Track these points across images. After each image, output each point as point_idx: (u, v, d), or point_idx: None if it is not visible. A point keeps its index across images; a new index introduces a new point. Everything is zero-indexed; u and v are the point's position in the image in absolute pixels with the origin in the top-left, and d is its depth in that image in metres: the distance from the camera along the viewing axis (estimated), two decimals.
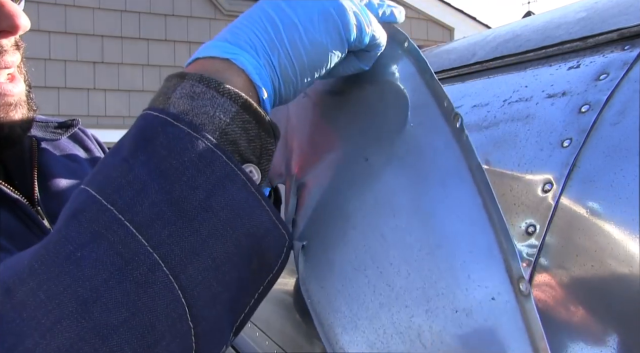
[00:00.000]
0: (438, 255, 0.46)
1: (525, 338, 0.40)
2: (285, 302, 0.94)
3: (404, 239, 0.49)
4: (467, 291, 0.43)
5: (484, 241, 0.45)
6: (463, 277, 0.44)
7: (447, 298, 0.44)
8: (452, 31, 6.69)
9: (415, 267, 0.47)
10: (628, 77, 0.54)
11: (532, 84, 0.66)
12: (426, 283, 0.45)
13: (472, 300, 0.43)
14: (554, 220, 0.53)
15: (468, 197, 0.47)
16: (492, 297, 0.42)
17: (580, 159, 0.53)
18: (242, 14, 0.48)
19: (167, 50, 5.33)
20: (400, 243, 0.49)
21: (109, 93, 5.09)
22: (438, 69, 0.89)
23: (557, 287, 0.51)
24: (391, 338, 0.47)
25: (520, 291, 0.41)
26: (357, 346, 0.49)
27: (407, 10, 3.99)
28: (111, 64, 5.04)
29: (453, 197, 0.48)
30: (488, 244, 0.45)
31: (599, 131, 0.53)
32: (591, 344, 0.46)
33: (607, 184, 0.50)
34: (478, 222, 0.46)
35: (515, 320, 0.40)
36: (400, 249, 0.49)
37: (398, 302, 0.47)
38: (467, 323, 0.42)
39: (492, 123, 0.67)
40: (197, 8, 5.51)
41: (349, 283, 0.52)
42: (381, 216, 0.52)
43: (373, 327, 0.48)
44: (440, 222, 0.47)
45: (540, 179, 0.56)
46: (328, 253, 0.56)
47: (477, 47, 0.85)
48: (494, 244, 0.45)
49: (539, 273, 0.53)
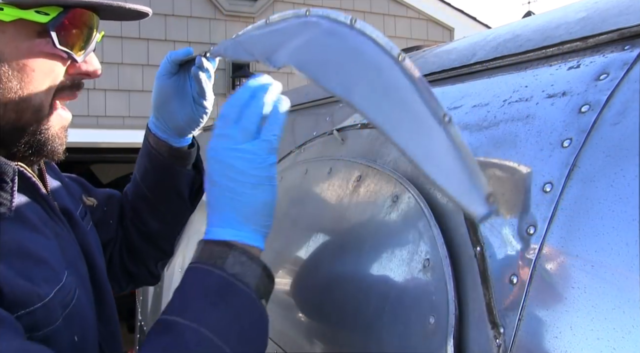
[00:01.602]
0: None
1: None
2: (286, 302, 0.94)
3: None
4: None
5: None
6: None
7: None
8: (452, 31, 6.68)
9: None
10: (628, 77, 0.54)
11: (532, 84, 0.66)
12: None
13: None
14: (553, 220, 0.53)
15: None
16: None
17: (580, 159, 0.53)
18: (209, 194, 0.69)
19: (167, 50, 5.27)
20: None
21: (109, 93, 5.08)
22: (438, 68, 0.89)
23: (556, 286, 0.51)
24: None
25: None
26: None
27: (407, 10, 3.99)
28: (111, 64, 5.04)
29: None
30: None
31: (599, 131, 0.53)
32: (591, 343, 0.46)
33: (607, 184, 0.50)
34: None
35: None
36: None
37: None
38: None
39: (492, 123, 0.67)
40: (197, 8, 5.51)
41: None
42: None
43: None
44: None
45: (540, 179, 0.56)
46: None
47: (477, 47, 0.84)
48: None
49: (539, 273, 0.53)
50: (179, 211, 1.03)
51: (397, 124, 0.54)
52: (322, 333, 0.83)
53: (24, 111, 0.67)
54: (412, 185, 0.72)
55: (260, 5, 5.76)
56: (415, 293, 0.66)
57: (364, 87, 0.58)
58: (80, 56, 0.71)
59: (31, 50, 0.67)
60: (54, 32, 0.67)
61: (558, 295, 0.50)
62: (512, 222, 0.57)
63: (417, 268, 0.66)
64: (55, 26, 0.67)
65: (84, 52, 0.72)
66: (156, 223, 1.02)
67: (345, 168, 0.90)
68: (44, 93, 0.69)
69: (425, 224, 0.67)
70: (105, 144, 5.02)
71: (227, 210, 0.67)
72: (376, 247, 0.76)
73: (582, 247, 0.49)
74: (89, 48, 0.73)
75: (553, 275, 0.51)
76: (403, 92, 0.55)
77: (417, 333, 0.63)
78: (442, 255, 0.62)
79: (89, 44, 0.73)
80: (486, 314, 0.56)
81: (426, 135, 0.52)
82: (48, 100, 0.70)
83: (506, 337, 0.53)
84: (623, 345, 0.44)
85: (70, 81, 0.73)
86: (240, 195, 0.67)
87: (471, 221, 0.62)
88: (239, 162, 0.67)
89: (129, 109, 5.15)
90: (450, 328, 0.58)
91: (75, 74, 0.73)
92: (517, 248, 0.55)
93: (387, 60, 0.57)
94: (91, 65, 0.74)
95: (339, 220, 0.86)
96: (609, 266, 0.47)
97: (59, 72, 0.70)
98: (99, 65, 0.75)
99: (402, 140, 0.53)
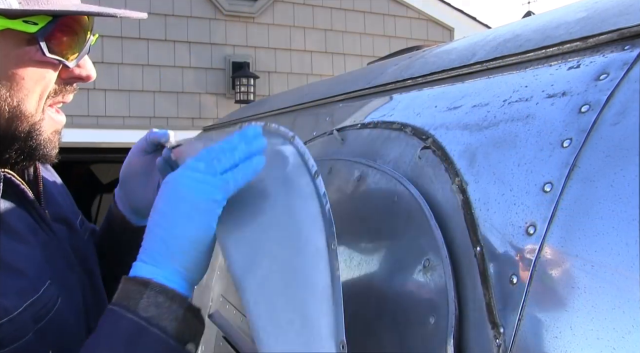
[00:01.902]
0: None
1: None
2: None
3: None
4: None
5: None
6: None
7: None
8: (452, 31, 6.68)
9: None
10: (628, 77, 0.54)
11: (532, 84, 0.66)
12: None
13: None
14: (553, 220, 0.53)
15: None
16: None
17: (580, 159, 0.53)
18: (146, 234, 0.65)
19: (167, 50, 5.33)
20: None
21: (108, 93, 5.08)
22: (438, 69, 0.89)
23: (556, 286, 0.51)
24: None
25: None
26: None
27: (407, 10, 3.98)
28: (111, 64, 5.04)
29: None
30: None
31: (599, 131, 0.53)
32: (591, 343, 0.46)
33: (607, 184, 0.50)
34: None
35: None
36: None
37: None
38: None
39: (492, 123, 0.67)
40: (197, 8, 5.51)
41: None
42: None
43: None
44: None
45: (540, 179, 0.56)
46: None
47: (477, 47, 0.84)
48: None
49: (539, 273, 0.53)
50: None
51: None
52: None
53: (15, 119, 0.67)
54: (412, 185, 0.72)
55: (260, 5, 5.76)
56: (415, 293, 0.66)
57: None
58: (73, 61, 0.70)
59: (20, 59, 0.66)
60: (43, 42, 0.65)
61: (558, 295, 0.50)
62: (512, 222, 0.57)
63: (417, 269, 0.66)
64: (45, 35, 0.66)
65: (77, 56, 0.71)
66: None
67: (345, 168, 0.90)
68: (34, 100, 0.68)
69: (425, 224, 0.67)
70: (105, 144, 5.02)
71: (157, 240, 0.63)
72: (376, 247, 0.76)
73: (582, 247, 0.49)
74: (82, 52, 0.71)
75: (553, 275, 0.51)
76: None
77: (417, 333, 0.63)
78: (442, 255, 0.62)
79: (82, 48, 0.71)
80: (486, 314, 0.56)
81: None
82: (40, 107, 0.69)
83: (506, 337, 0.53)
84: (623, 345, 0.44)
85: (63, 85, 0.72)
86: (174, 226, 0.62)
87: (471, 221, 0.62)
88: (186, 187, 0.63)
89: (129, 109, 5.15)
90: (450, 328, 0.58)
91: (68, 79, 0.72)
92: (517, 248, 0.55)
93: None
94: (85, 69, 0.73)
95: (339, 221, 0.86)
96: (609, 266, 0.47)
97: (50, 79, 0.69)
98: (93, 69, 0.74)
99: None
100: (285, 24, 5.90)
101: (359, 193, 0.83)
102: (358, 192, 0.84)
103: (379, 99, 1.00)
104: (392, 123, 0.87)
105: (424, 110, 0.83)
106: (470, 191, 0.64)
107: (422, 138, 0.77)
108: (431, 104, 0.83)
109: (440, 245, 0.63)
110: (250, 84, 5.47)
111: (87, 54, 0.73)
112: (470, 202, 0.63)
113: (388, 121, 0.88)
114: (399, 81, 0.98)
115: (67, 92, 0.73)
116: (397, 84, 0.98)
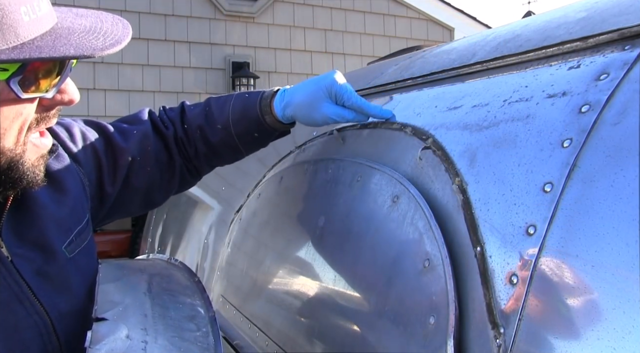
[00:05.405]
0: None
1: None
2: (286, 302, 0.94)
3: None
4: None
5: None
6: None
7: None
8: (452, 31, 6.68)
9: None
10: (628, 77, 0.54)
11: (532, 84, 0.66)
12: None
13: None
14: (554, 220, 0.53)
15: None
16: None
17: (580, 159, 0.53)
18: None
19: (167, 50, 5.33)
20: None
21: (108, 93, 5.09)
22: (438, 69, 0.89)
23: (557, 286, 0.51)
24: None
25: None
26: None
27: (407, 10, 3.98)
28: (111, 64, 5.04)
29: None
30: None
31: (599, 131, 0.53)
32: (591, 343, 0.46)
33: (607, 184, 0.50)
34: None
35: None
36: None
37: None
38: None
39: (492, 123, 0.67)
40: (197, 8, 5.51)
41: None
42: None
43: None
44: None
45: (540, 179, 0.56)
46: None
47: (477, 47, 0.84)
48: None
49: (539, 273, 0.52)
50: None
51: None
52: (322, 333, 0.83)
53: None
54: (412, 185, 0.72)
55: (260, 5, 5.76)
56: (415, 293, 0.66)
57: None
58: (52, 91, 0.67)
59: None
60: (16, 86, 0.62)
61: (558, 295, 0.50)
62: (512, 222, 0.57)
63: (417, 269, 0.66)
64: (18, 79, 0.62)
65: (57, 83, 0.67)
66: (230, 159, 1.08)
67: (345, 168, 0.90)
68: (13, 136, 0.66)
69: (425, 224, 0.67)
70: None
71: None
72: (376, 247, 0.76)
73: (582, 247, 0.49)
74: (62, 79, 0.68)
75: (553, 275, 0.51)
76: None
77: (417, 333, 0.63)
78: (443, 255, 0.62)
79: (62, 74, 0.67)
80: (486, 314, 0.56)
81: None
82: (20, 141, 0.67)
83: (506, 337, 0.53)
84: (623, 345, 0.44)
85: (45, 112, 0.70)
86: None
87: (471, 221, 0.62)
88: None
89: (129, 109, 5.15)
90: (450, 329, 0.58)
91: (50, 106, 0.69)
92: (517, 249, 0.55)
93: None
94: (67, 94, 0.69)
95: (339, 221, 0.86)
96: (609, 266, 0.47)
97: (29, 112, 0.67)
98: (75, 93, 0.70)
99: None
100: (285, 24, 5.90)
101: (359, 194, 0.83)
102: (358, 193, 0.84)
103: (379, 99, 1.00)
104: (392, 123, 0.87)
105: (424, 110, 0.83)
106: (470, 191, 0.64)
107: (422, 138, 0.77)
108: (431, 104, 0.83)
109: (440, 245, 0.63)
110: (250, 84, 5.48)
111: (67, 78, 0.69)
112: (470, 202, 0.63)
113: (388, 121, 0.88)
114: (399, 81, 0.98)
115: (50, 117, 0.71)
116: (397, 84, 0.98)
